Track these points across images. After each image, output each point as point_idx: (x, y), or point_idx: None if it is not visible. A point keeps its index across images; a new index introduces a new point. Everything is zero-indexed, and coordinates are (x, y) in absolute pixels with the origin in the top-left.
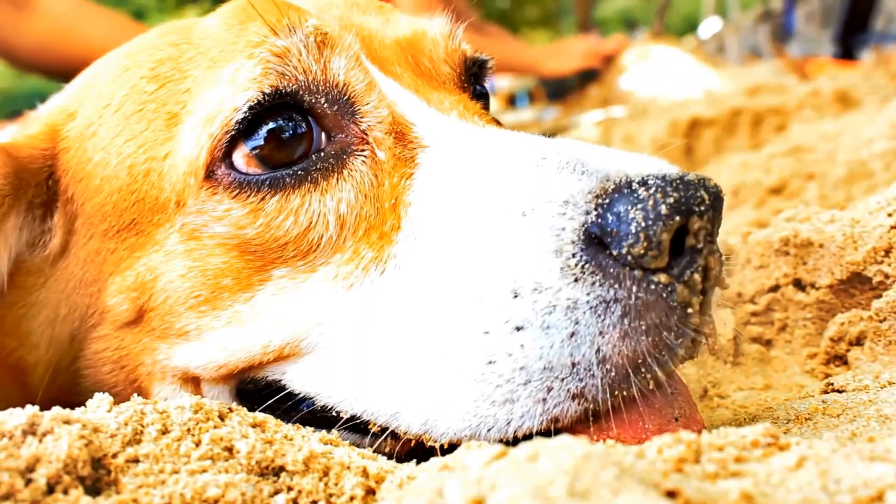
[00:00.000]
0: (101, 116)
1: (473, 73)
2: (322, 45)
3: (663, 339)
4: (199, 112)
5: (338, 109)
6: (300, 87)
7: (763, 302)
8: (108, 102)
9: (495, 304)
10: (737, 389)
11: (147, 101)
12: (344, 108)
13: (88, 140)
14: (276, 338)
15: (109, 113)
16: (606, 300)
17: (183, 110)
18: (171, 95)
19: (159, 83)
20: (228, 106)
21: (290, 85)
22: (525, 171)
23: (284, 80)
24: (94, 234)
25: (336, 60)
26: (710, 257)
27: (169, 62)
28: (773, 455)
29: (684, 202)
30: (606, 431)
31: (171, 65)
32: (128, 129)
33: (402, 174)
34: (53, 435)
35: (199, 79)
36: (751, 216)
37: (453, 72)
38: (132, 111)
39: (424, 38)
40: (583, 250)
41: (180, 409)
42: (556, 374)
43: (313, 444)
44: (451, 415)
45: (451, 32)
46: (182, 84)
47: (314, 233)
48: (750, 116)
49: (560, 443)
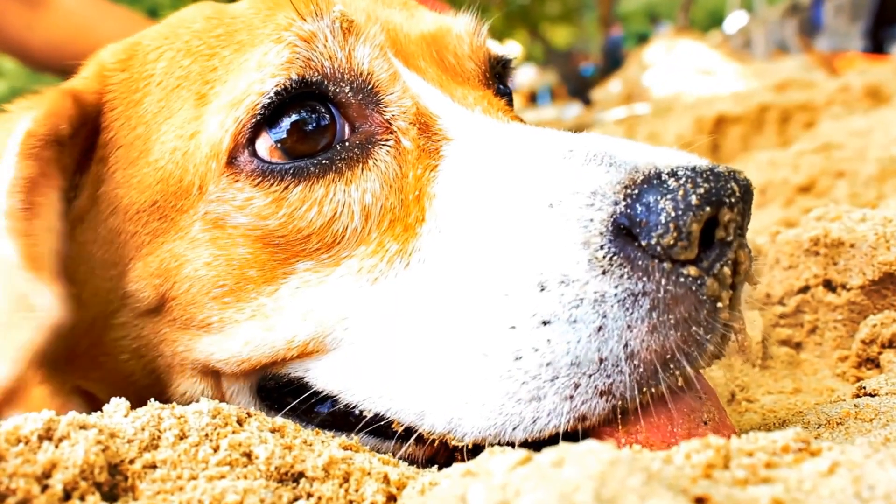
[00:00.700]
0: (146, 85)
1: (497, 71)
2: (347, 31)
3: (692, 334)
4: (225, 95)
5: (362, 99)
6: (325, 76)
7: (792, 303)
8: (152, 71)
9: (522, 297)
10: (765, 393)
11: (182, 76)
12: (368, 98)
13: (134, 108)
14: (301, 333)
15: (154, 84)
16: (635, 293)
17: (211, 91)
18: (201, 73)
19: (192, 57)
20: (255, 90)
21: (316, 74)
22: (552, 164)
23: (310, 69)
24: (116, 209)
25: (361, 48)
26: (739, 251)
27: (202, 35)
28: (804, 461)
29: (715, 193)
30: (634, 432)
31: (203, 39)
32: (168, 105)
33: (427, 166)
34: (70, 440)
35: (227, 60)
36: (779, 215)
37: (478, 68)
38: (172, 86)
39: (449, 34)
40: (611, 242)
41: (198, 414)
42: (584, 369)
43: (333, 449)
44: (477, 413)
45: (476, 29)
46: (210, 62)
47: (339, 224)
48: (778, 113)
49: (586, 448)
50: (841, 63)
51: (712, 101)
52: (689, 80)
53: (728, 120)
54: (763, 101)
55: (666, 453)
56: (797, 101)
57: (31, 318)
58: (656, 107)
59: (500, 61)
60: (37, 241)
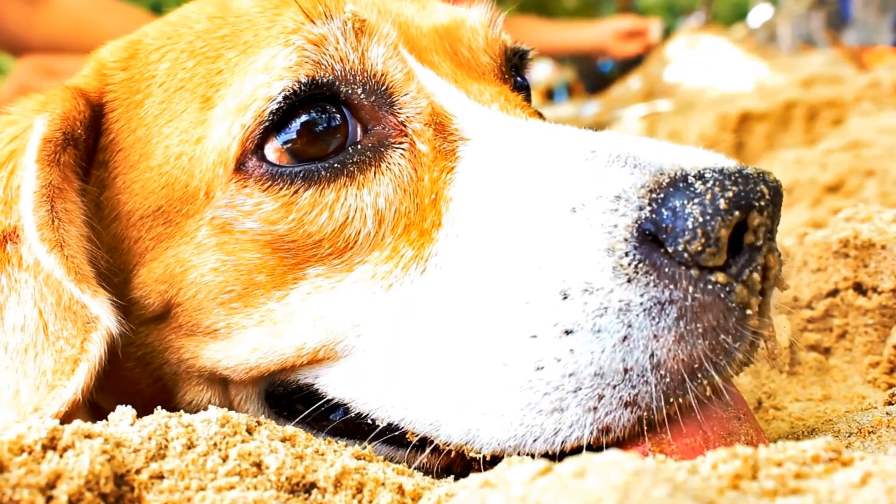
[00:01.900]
0: (148, 86)
1: (514, 64)
2: (360, 32)
3: (721, 343)
4: (232, 99)
5: (375, 100)
6: (336, 77)
7: (821, 307)
8: (153, 73)
9: (543, 306)
10: (793, 401)
11: (185, 78)
12: (381, 99)
13: (134, 109)
14: (311, 339)
15: (155, 86)
16: (661, 301)
17: (216, 94)
18: (205, 76)
19: (196, 59)
20: (262, 95)
21: (327, 75)
22: (573, 166)
23: (321, 70)
24: (119, 215)
25: (374, 49)
26: (769, 255)
27: (205, 37)
28: (835, 471)
29: (744, 197)
30: (662, 444)
31: (207, 40)
32: (170, 107)
33: (443, 168)
34: (74, 450)
35: (232, 63)
36: (806, 216)
37: (493, 62)
38: (175, 88)
39: (463, 26)
40: (636, 248)
41: (206, 423)
42: (608, 380)
43: (346, 459)
44: (496, 424)
45: (492, 21)
46: (215, 64)
47: (351, 229)
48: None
49: (608, 458)
50: (870, 57)
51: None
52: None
53: (753, 117)
54: (789, 98)
55: (691, 463)
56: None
57: (90, 332)
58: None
59: (516, 52)
60: (74, 250)
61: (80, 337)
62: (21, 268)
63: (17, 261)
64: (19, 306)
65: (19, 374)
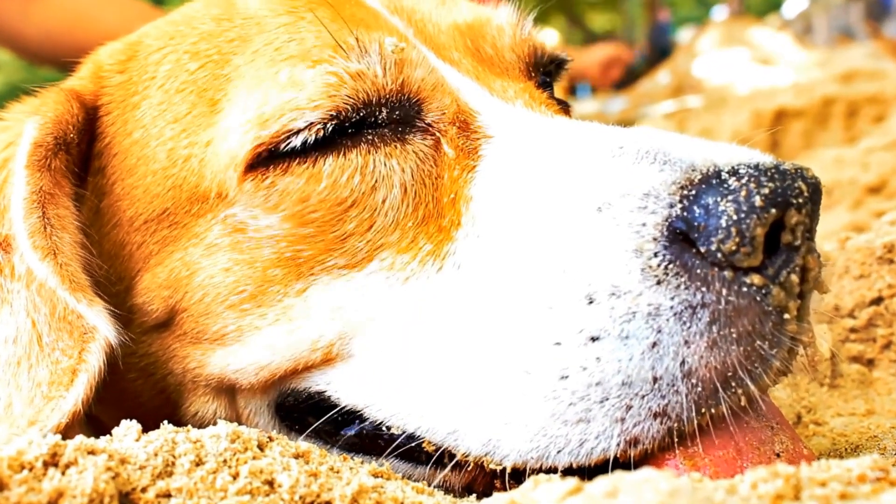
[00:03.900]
0: (146, 88)
1: (548, 70)
2: (399, 63)
3: (756, 349)
4: (248, 109)
5: (401, 115)
6: (370, 105)
7: (864, 316)
8: (153, 74)
9: (568, 311)
10: (835, 415)
11: (189, 80)
12: (408, 110)
13: (131, 111)
14: (327, 332)
15: (154, 87)
16: (693, 305)
17: (224, 98)
18: (212, 79)
19: (200, 62)
20: (288, 118)
21: (363, 108)
22: (600, 163)
23: (358, 101)
24: (120, 221)
25: (412, 72)
26: (808, 256)
27: (210, 39)
28: (883, 491)
29: (780, 193)
30: (700, 467)
31: (213, 43)
32: (171, 109)
33: (465, 166)
34: (77, 467)
35: (241, 70)
36: (847, 219)
37: (520, 60)
38: (175, 90)
39: (489, 24)
40: (666, 248)
41: (216, 438)
42: (636, 390)
43: (362, 477)
44: (518, 435)
45: (520, 21)
46: (222, 69)
47: (379, 194)
48: (844, 106)
49: (642, 476)
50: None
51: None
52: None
53: (789, 114)
54: (827, 94)
55: (730, 482)
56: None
57: (88, 342)
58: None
59: (553, 60)
60: (68, 258)
61: (78, 347)
62: (13, 278)
63: (9, 271)
64: (12, 317)
65: (12, 387)
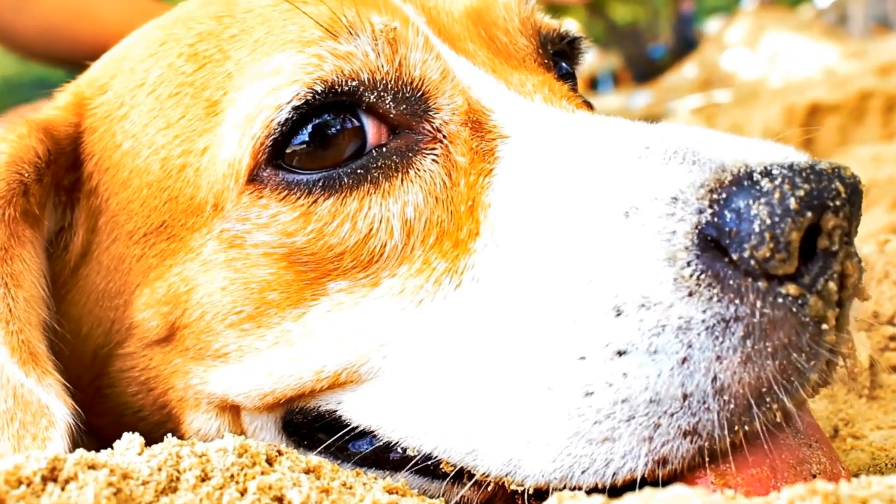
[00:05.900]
0: (133, 97)
1: (561, 49)
2: (393, 42)
3: (793, 363)
4: (242, 107)
5: (406, 108)
6: (361, 84)
7: None
8: (141, 81)
9: (594, 324)
10: (874, 428)
11: (184, 83)
12: (414, 105)
13: (118, 123)
14: (332, 362)
15: (143, 94)
16: (725, 318)
17: (225, 98)
18: (211, 79)
19: (198, 63)
20: (270, 104)
21: (349, 82)
22: (626, 164)
23: (343, 76)
24: (119, 236)
25: (412, 55)
26: (847, 262)
27: (210, 38)
28: None
29: (816, 195)
30: (725, 475)
31: (212, 42)
32: (163, 115)
33: (480, 171)
34: (77, 482)
35: (242, 63)
36: (885, 220)
37: (531, 45)
38: (168, 94)
39: (495, 6)
40: (698, 257)
41: (222, 453)
42: (665, 408)
43: (377, 493)
44: (540, 454)
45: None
46: (223, 66)
47: (375, 241)
48: (881, 100)
49: (673, 494)
50: None
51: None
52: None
53: (823, 109)
54: (864, 87)
55: (764, 500)
56: None
57: (48, 428)
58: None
59: (563, 38)
60: (22, 323)
61: (37, 426)
62: None
63: None
64: None
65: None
